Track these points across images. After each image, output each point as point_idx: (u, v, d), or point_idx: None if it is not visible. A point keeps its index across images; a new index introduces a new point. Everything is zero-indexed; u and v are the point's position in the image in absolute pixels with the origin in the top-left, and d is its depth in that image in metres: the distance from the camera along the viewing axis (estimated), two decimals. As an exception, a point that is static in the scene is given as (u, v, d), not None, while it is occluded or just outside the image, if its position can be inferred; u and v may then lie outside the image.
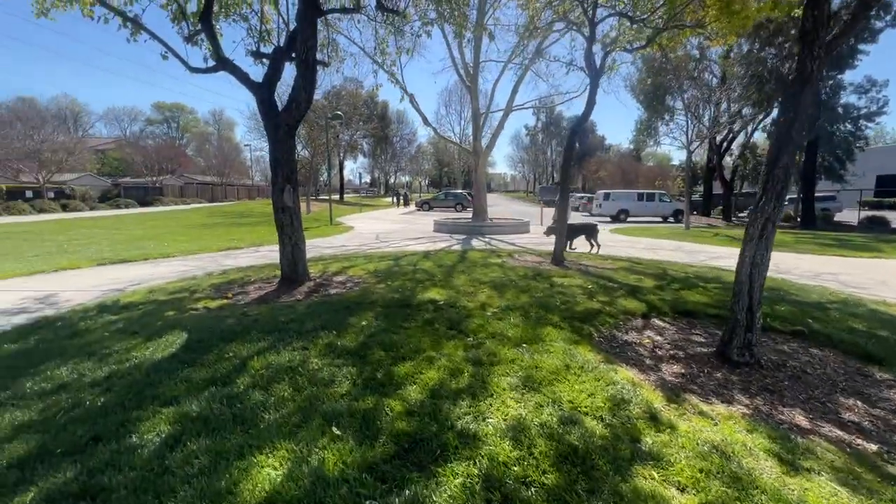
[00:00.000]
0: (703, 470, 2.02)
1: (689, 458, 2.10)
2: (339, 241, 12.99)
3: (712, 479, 1.97)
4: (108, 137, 55.25)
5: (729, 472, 2.01)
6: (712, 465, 2.05)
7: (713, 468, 2.03)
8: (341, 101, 39.63)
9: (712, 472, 2.01)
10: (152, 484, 1.90)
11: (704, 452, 2.15)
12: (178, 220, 22.16)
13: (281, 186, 5.56)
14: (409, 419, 2.41)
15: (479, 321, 4.13)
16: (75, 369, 3.12)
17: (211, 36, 5.82)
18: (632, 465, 2.04)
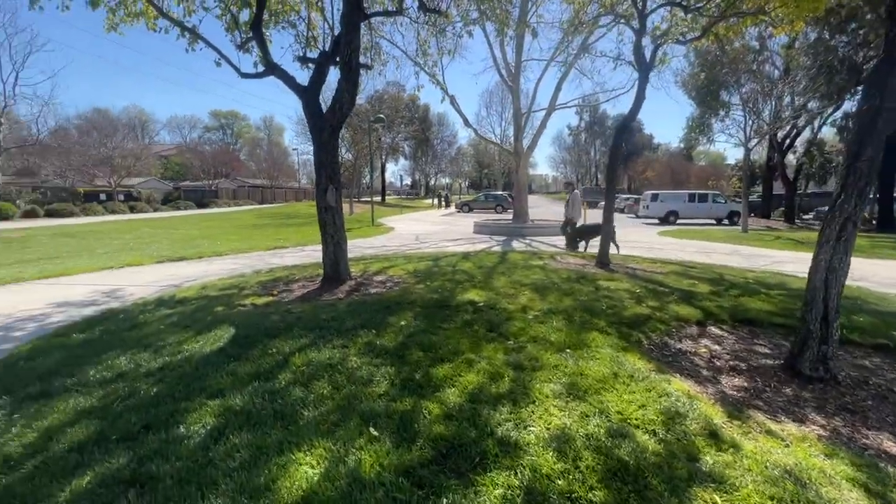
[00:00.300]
0: (775, 498, 1.80)
1: (756, 483, 1.89)
2: (380, 242, 13.18)
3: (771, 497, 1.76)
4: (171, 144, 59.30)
5: (806, 501, 1.79)
6: (785, 492, 1.83)
7: (787, 496, 1.81)
8: (383, 104, 40.42)
9: (785, 500, 1.79)
10: (196, 475, 1.94)
11: (775, 477, 1.93)
12: (230, 220, 23.37)
13: (324, 187, 5.67)
14: (447, 423, 2.34)
15: (520, 324, 4.00)
16: (133, 359, 3.29)
17: (261, 43, 6.04)
18: (690, 486, 1.86)
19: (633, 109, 7.62)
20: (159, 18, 6.29)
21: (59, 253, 10.72)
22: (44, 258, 9.78)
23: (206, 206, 36.56)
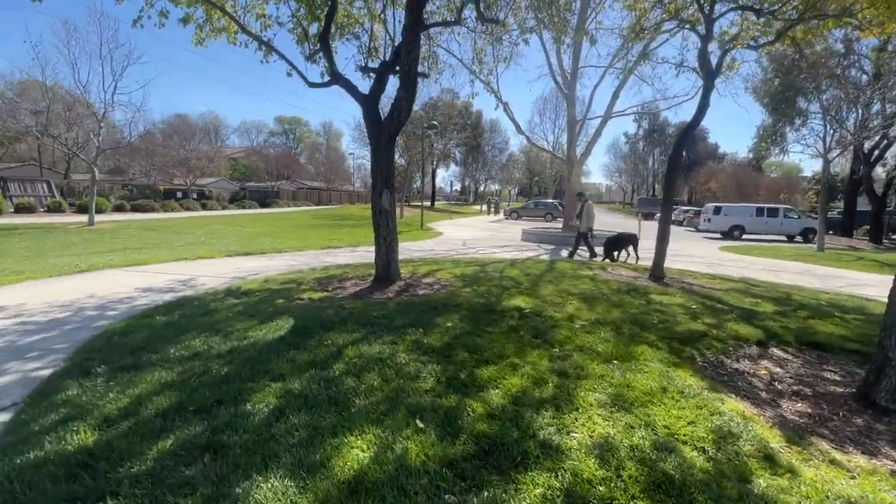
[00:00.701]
0: (833, 526, 1.72)
1: None
2: (429, 246, 13.44)
3: (845, 539, 1.67)
4: (239, 147, 63.69)
5: (868, 534, 1.69)
6: (845, 522, 1.74)
7: (846, 526, 1.72)
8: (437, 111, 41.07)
9: (845, 530, 1.70)
10: (260, 447, 2.14)
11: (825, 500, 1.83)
12: (289, 220, 24.71)
13: (380, 190, 5.94)
14: (490, 422, 2.41)
15: (567, 332, 3.98)
16: (206, 342, 3.64)
17: (328, 54, 6.44)
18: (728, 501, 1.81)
19: (696, 118, 7.31)
20: (239, 33, 6.87)
21: (142, 244, 11.90)
22: (130, 248, 10.89)
23: (267, 205, 38.89)
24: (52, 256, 9.18)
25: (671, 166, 7.50)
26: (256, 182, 48.51)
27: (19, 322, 4.38)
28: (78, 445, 2.17)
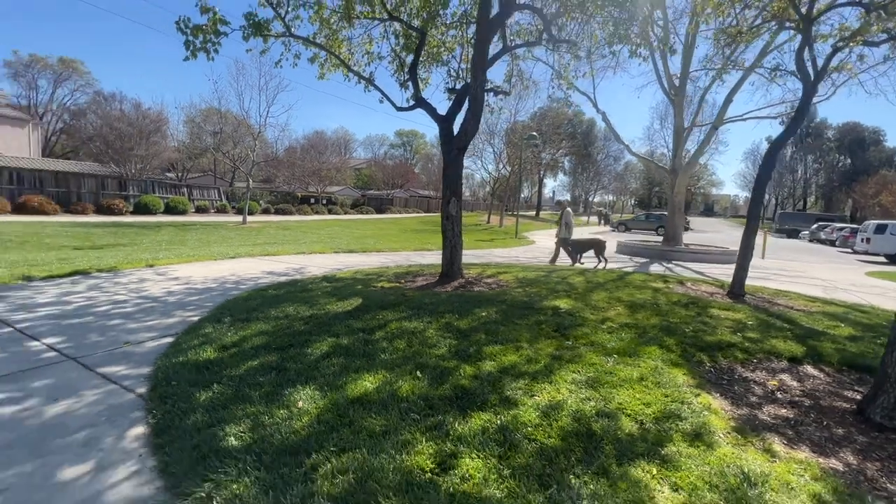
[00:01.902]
0: (708, 482, 2.03)
1: (701, 471, 2.11)
2: (515, 253, 13.96)
3: (713, 492, 1.98)
4: (363, 158, 70.96)
5: (741, 495, 1.97)
6: (724, 483, 2.03)
7: (722, 485, 2.01)
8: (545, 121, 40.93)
9: (718, 487, 2.00)
10: (307, 372, 3.11)
11: (725, 472, 2.11)
12: (397, 225, 27.16)
13: (448, 199, 6.81)
14: (471, 380, 3.06)
15: (587, 330, 4.35)
16: (296, 309, 4.86)
17: (415, 82, 7.56)
18: (636, 459, 2.20)
19: (791, 128, 6.77)
20: (348, 72, 8.40)
21: (276, 240, 14.58)
22: (267, 243, 13.50)
23: (383, 211, 42.87)
24: (214, 246, 11.96)
25: (759, 180, 7.01)
26: (375, 190, 53.58)
27: (186, 288, 6.19)
28: (204, 358, 3.39)
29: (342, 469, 2.03)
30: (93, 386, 2.94)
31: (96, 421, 2.51)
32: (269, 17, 6.82)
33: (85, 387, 2.92)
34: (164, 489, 1.95)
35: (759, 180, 7.03)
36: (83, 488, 1.95)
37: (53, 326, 4.11)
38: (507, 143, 33.83)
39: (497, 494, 1.90)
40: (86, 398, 2.77)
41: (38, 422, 2.47)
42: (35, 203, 19.51)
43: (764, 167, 6.99)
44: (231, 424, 2.40)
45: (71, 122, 44.49)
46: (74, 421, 2.50)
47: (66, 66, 46.66)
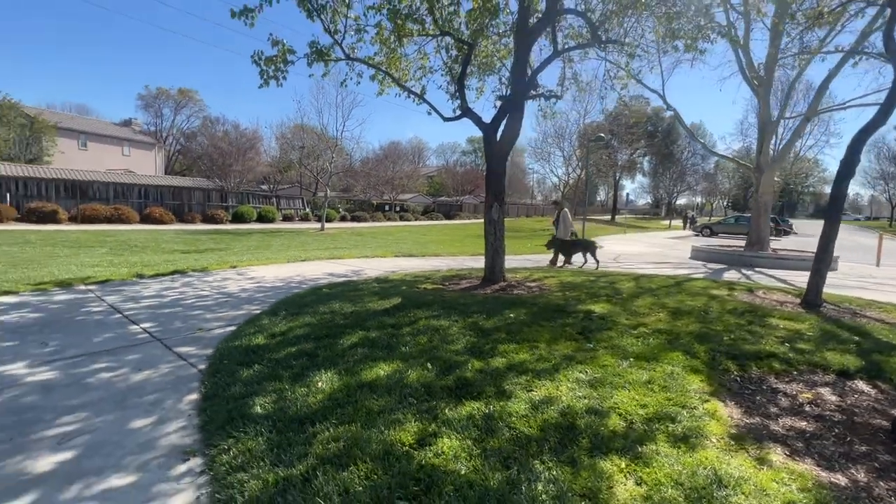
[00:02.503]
0: (675, 480, 2.05)
1: (671, 469, 2.12)
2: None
3: (675, 489, 2.00)
4: (434, 166, 72.86)
5: (705, 495, 1.96)
6: (691, 482, 2.03)
7: (688, 483, 2.02)
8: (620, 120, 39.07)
9: (682, 485, 2.02)
10: (333, 359, 3.53)
11: (697, 473, 2.10)
12: (462, 230, 27.61)
13: (490, 204, 7.00)
14: (476, 373, 3.26)
15: (613, 334, 4.31)
16: (341, 306, 5.38)
17: (461, 93, 7.88)
18: (609, 454, 2.27)
19: (879, 116, 5.99)
20: (402, 90, 8.94)
21: (347, 245, 15.72)
22: (339, 247, 14.63)
23: (451, 217, 43.74)
24: (291, 250, 13.26)
25: (840, 176, 6.27)
26: (445, 197, 54.78)
27: (258, 286, 7.08)
28: (254, 343, 3.97)
29: (336, 437, 2.37)
30: (168, 361, 3.63)
31: (164, 387, 3.13)
32: (330, 44, 7.58)
33: (162, 361, 3.61)
34: (200, 441, 2.43)
35: (840, 176, 6.28)
36: (145, 434, 2.50)
37: (150, 314, 5.03)
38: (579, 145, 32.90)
39: (461, 469, 2.10)
40: (161, 370, 3.44)
41: (125, 385, 3.15)
42: (156, 214, 22.98)
43: (844, 162, 6.23)
44: (260, 396, 2.86)
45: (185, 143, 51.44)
46: (149, 386, 3.14)
47: (184, 96, 54.15)
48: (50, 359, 3.55)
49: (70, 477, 2.08)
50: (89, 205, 21.11)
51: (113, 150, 41.89)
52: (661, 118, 50.31)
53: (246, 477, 2.04)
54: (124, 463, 2.21)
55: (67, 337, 4.11)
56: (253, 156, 33.36)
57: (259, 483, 1.99)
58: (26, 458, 2.21)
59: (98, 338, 4.12)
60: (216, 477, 2.08)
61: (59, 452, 2.28)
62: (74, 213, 20.36)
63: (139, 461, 2.23)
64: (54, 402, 2.83)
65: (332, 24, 7.31)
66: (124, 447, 2.35)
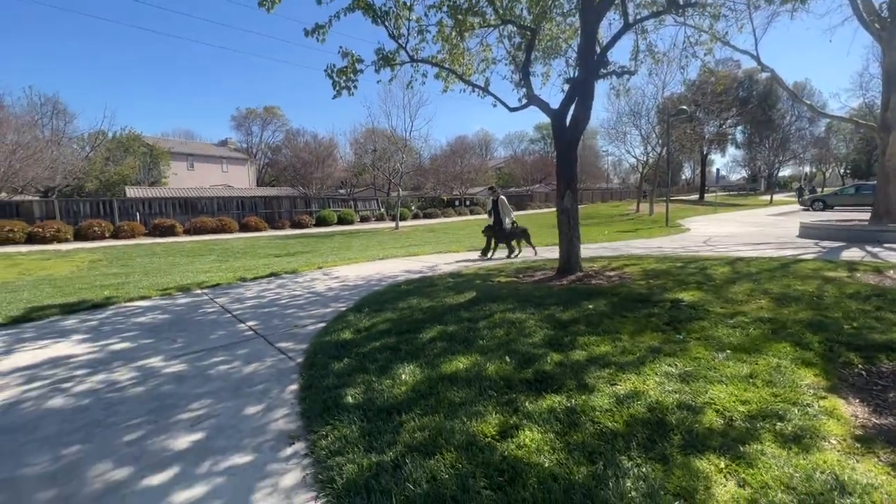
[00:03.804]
0: (785, 483, 1.86)
1: (781, 472, 1.93)
2: (657, 243, 12.74)
3: (786, 494, 1.82)
4: (501, 157, 71.98)
5: (823, 501, 1.77)
6: (806, 487, 1.83)
7: (802, 488, 1.83)
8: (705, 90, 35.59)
9: (795, 490, 1.83)
10: (414, 353, 3.69)
11: (813, 477, 1.88)
12: (533, 220, 26.98)
13: (562, 193, 6.79)
14: (555, 366, 3.22)
15: (706, 324, 3.99)
16: (419, 301, 5.58)
17: (526, 80, 7.72)
18: (706, 452, 2.12)
19: None
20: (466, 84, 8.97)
21: (421, 242, 16.19)
22: (413, 244, 15.12)
23: (522, 207, 42.98)
24: (370, 249, 13.96)
25: None
26: (515, 188, 53.93)
27: (342, 285, 7.57)
28: (342, 338, 4.27)
29: (421, 427, 2.49)
30: (271, 355, 4.05)
31: (269, 378, 3.50)
32: (395, 49, 7.83)
33: (266, 355, 4.04)
34: (302, 427, 2.70)
35: None
36: (257, 420, 2.83)
37: (253, 313, 5.63)
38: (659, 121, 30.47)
39: (545, 462, 2.11)
40: (266, 363, 3.85)
41: (238, 376, 3.58)
42: (252, 222, 25.47)
43: None
44: (351, 388, 3.09)
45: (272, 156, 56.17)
46: (257, 377, 3.53)
47: (269, 113, 59.17)
48: (179, 353, 4.14)
49: (202, 454, 2.43)
50: (198, 218, 23.99)
51: (214, 168, 47.11)
52: (756, 81, 44.82)
53: (343, 461, 2.23)
54: (242, 444, 2.52)
55: (191, 334, 4.75)
56: (330, 163, 35.56)
57: (355, 467, 2.16)
58: (168, 437, 2.62)
59: (214, 335, 4.71)
60: (318, 460, 2.30)
61: (192, 433, 2.66)
62: (188, 226, 23.26)
63: (254, 443, 2.53)
64: (185, 390, 3.30)
65: (396, 28, 7.54)
66: (241, 431, 2.68)
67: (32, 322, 5.44)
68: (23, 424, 2.81)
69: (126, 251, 15.58)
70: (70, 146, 30.27)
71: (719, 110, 35.07)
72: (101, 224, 20.87)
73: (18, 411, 3.01)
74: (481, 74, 9.41)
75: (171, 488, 2.13)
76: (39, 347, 4.39)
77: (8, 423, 2.85)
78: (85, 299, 6.57)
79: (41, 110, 30.20)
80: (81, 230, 20.24)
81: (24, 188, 24.25)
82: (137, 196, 25.29)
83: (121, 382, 3.47)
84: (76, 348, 4.34)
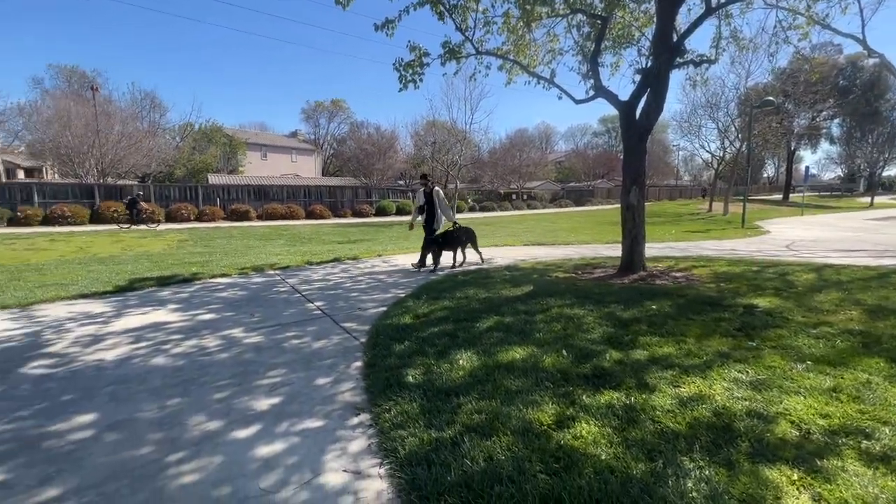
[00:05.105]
0: (868, 502, 1.74)
1: (864, 490, 1.80)
2: (732, 245, 11.86)
3: None
4: (562, 151, 69.86)
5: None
6: None
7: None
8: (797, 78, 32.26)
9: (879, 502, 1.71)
10: (471, 341, 3.79)
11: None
12: (594, 217, 26.11)
13: (628, 188, 6.55)
14: (614, 364, 3.18)
15: (784, 333, 3.72)
16: (475, 292, 5.67)
17: (595, 71, 7.48)
18: (777, 462, 2.03)
19: None
20: (530, 76, 8.85)
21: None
22: (467, 237, 15.20)
23: (582, 203, 41.61)
24: (426, 240, 14.22)
25: None
26: (575, 182, 52.28)
27: (400, 271, 7.83)
28: (402, 322, 4.47)
29: (478, 410, 2.59)
30: (337, 334, 4.33)
31: (336, 354, 3.76)
32: (460, 41, 7.89)
33: (333, 333, 4.33)
34: (367, 400, 2.89)
35: None
36: (326, 390, 3.07)
37: (320, 294, 6.02)
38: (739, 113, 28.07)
39: (601, 454, 2.12)
40: (333, 340, 4.13)
41: (309, 351, 3.88)
42: (317, 210, 26.86)
43: None
44: (411, 368, 3.26)
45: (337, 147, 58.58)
46: (326, 353, 3.81)
47: (336, 106, 61.66)
48: (257, 326, 4.55)
49: (279, 416, 2.70)
50: (270, 204, 25.71)
51: (284, 158, 50.06)
52: (860, 68, 39.76)
53: (405, 434, 2.38)
54: (314, 411, 2.76)
55: (266, 310, 5.19)
56: (391, 154, 36.47)
57: (416, 440, 2.30)
58: (251, 399, 2.93)
59: (286, 312, 5.12)
60: (381, 431, 2.47)
61: (271, 397, 2.95)
62: (260, 211, 25.02)
63: (324, 411, 2.76)
64: (264, 359, 3.64)
65: (463, 21, 7.60)
66: (313, 399, 2.93)
67: (135, 291, 6.20)
68: (134, 376, 3.27)
69: (208, 233, 17.09)
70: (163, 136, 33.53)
71: (813, 101, 31.65)
72: (188, 207, 23.02)
73: (130, 365, 3.49)
74: (547, 66, 9.25)
75: (255, 442, 2.40)
76: (142, 313, 5.01)
77: (123, 374, 3.32)
78: (176, 274, 7.36)
79: (141, 104, 33.70)
80: (171, 212, 22.46)
81: (125, 174, 27.31)
82: (218, 183, 27.60)
83: (209, 348, 3.89)
84: (171, 316, 4.91)
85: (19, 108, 29.88)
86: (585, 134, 77.26)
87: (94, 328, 4.46)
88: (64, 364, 3.51)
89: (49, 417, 2.67)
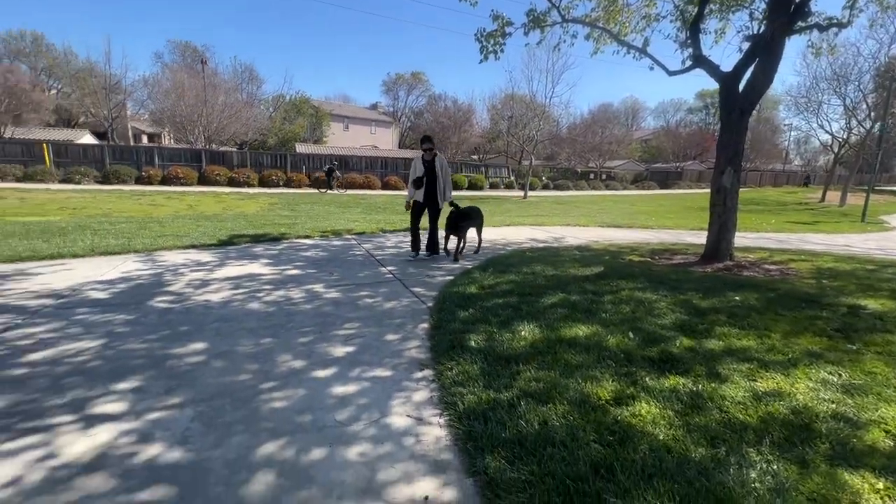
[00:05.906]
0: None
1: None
2: (843, 240, 10.45)
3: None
4: (650, 129, 64.53)
5: None
6: None
7: None
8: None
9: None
10: (534, 315, 3.82)
11: None
12: (681, 201, 24.16)
13: (722, 168, 5.99)
14: (683, 350, 3.06)
15: (894, 339, 3.30)
16: (543, 269, 5.64)
17: (695, 39, 6.81)
18: (860, 468, 1.88)
19: None
20: (615, 45, 8.26)
21: (549, 213, 15.85)
22: (540, 214, 14.92)
23: (668, 186, 38.56)
24: (497, 216, 14.19)
25: None
26: (662, 163, 48.40)
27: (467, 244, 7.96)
28: (468, 292, 4.61)
29: (536, 378, 2.66)
30: (407, 297, 4.60)
31: (405, 315, 4.01)
32: (546, 9, 7.57)
33: (403, 296, 4.60)
34: (431, 359, 3.09)
35: None
36: (395, 346, 3.32)
37: (392, 260, 6.35)
38: (876, 87, 23.90)
39: (659, 434, 2.11)
40: (402, 302, 4.39)
41: (381, 310, 4.17)
42: (392, 181, 27.76)
43: None
44: (473, 334, 3.39)
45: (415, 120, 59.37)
46: (396, 312, 4.08)
47: (415, 79, 62.16)
48: (335, 284, 4.96)
49: (353, 363, 2.99)
50: (349, 174, 27.02)
51: (364, 129, 51.88)
52: None
53: (464, 391, 2.53)
54: (383, 362, 3.02)
55: (344, 270, 5.61)
56: (467, 128, 36.31)
57: (475, 398, 2.45)
58: (329, 345, 3.26)
59: (361, 273, 5.50)
60: (443, 385, 2.65)
61: (346, 346, 3.27)
62: (341, 181, 26.42)
63: (392, 363, 3.00)
64: (341, 313, 4.00)
65: (550, -14, 7.26)
66: (382, 352, 3.19)
67: (234, 245, 6.99)
68: (234, 317, 3.77)
69: (294, 198, 18.47)
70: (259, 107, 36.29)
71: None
72: (278, 174, 24.96)
73: (231, 307, 4.02)
74: (639, 34, 8.58)
75: (332, 382, 2.69)
76: (240, 265, 5.67)
77: (226, 313, 3.84)
78: (268, 233, 8.14)
79: (241, 76, 36.61)
80: (263, 178, 24.52)
81: (226, 141, 30.13)
82: (304, 152, 29.49)
83: (295, 299, 4.33)
84: (263, 269, 5.50)
85: (144, 80, 34.01)
86: (679, 110, 70.38)
87: (203, 274, 5.15)
88: (180, 301, 4.13)
89: (171, 342, 3.20)
